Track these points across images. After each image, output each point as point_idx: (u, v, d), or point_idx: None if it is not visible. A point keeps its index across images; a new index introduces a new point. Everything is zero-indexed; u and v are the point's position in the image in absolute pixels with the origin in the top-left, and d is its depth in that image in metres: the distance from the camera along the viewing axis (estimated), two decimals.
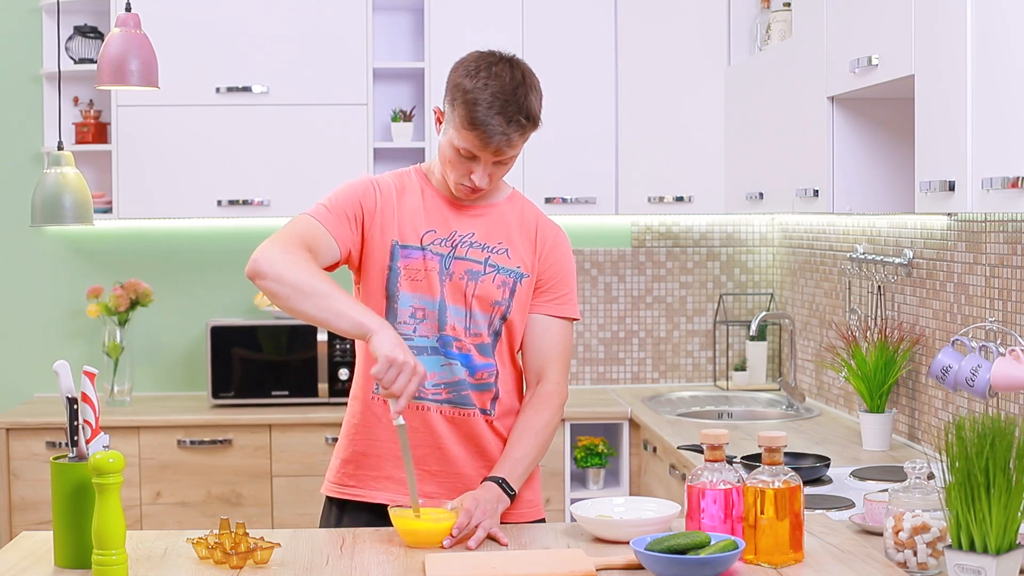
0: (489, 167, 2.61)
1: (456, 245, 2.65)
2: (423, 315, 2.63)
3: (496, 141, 2.54)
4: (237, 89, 4.66)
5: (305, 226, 2.59)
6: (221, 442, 4.47)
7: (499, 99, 2.52)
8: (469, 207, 2.69)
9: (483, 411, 2.67)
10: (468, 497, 2.49)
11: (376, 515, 2.66)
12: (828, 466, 3.29)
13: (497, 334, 2.67)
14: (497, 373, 2.68)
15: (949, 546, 2.11)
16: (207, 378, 4.63)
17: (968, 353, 2.98)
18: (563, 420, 4.52)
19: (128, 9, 3.38)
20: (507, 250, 2.68)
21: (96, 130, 4.83)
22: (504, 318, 2.67)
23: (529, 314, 2.71)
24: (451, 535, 2.39)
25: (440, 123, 2.62)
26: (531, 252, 2.71)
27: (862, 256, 4.02)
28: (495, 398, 2.68)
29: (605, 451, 4.56)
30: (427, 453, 2.66)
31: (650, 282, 5.11)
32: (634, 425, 4.50)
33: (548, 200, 4.72)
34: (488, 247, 2.67)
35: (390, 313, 2.63)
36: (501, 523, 2.55)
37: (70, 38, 4.84)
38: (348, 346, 4.63)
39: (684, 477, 3.29)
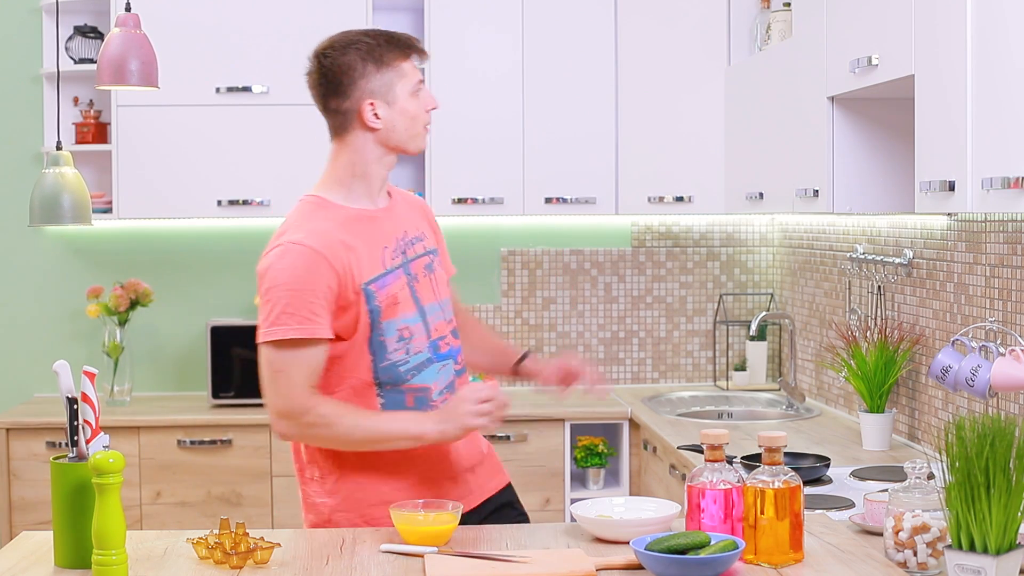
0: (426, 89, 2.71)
1: (404, 249, 2.65)
2: (409, 333, 2.60)
3: (418, 43, 2.71)
4: (237, 89, 4.66)
5: (301, 363, 2.50)
6: (221, 442, 4.47)
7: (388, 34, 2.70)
8: (383, 211, 2.68)
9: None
10: (569, 358, 2.82)
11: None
12: (828, 466, 3.29)
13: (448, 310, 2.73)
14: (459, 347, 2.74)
15: (949, 546, 2.11)
16: (207, 378, 4.63)
17: (968, 353, 2.98)
18: (563, 420, 4.52)
19: (128, 9, 3.38)
20: (423, 233, 2.73)
21: (96, 130, 4.83)
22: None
23: None
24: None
25: (375, 109, 2.64)
26: (429, 227, 2.79)
27: (862, 256, 4.03)
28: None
29: (605, 451, 4.56)
30: (438, 462, 2.67)
31: (650, 282, 5.11)
32: (634, 425, 4.50)
33: (548, 200, 4.72)
34: (417, 237, 2.70)
35: (379, 349, 2.58)
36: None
37: (70, 38, 4.84)
38: None
39: (684, 477, 3.29)
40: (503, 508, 2.80)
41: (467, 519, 2.58)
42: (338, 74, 2.67)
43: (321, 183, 2.76)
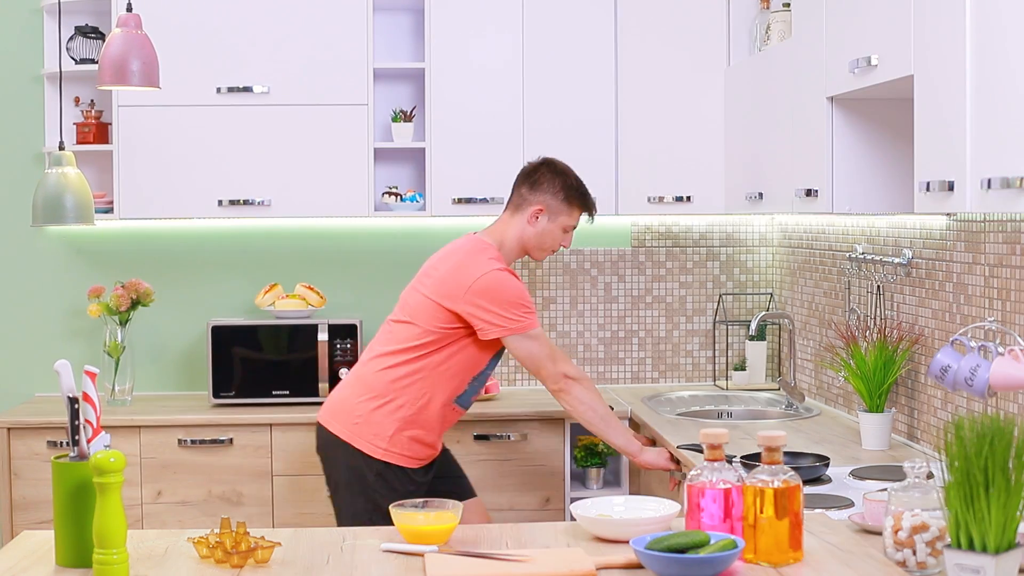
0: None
1: None
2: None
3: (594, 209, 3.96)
4: (238, 89, 4.66)
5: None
6: (222, 441, 4.47)
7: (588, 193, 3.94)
8: None
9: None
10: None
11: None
12: (827, 465, 3.30)
13: None
14: None
15: (948, 545, 2.11)
16: (208, 378, 4.64)
17: (967, 353, 2.98)
18: (563, 420, 4.52)
19: (129, 9, 3.39)
20: None
21: (97, 130, 4.84)
22: None
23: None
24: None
25: (536, 218, 3.82)
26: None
27: (861, 256, 4.03)
28: None
29: (605, 451, 4.57)
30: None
31: (650, 282, 5.12)
32: (634, 425, 4.50)
33: None
34: None
35: (478, 375, 3.79)
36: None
37: (71, 38, 4.84)
38: (348, 346, 4.64)
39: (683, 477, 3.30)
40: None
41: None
42: (541, 180, 3.87)
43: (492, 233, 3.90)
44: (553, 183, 3.85)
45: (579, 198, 3.88)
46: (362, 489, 3.58)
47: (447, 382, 3.67)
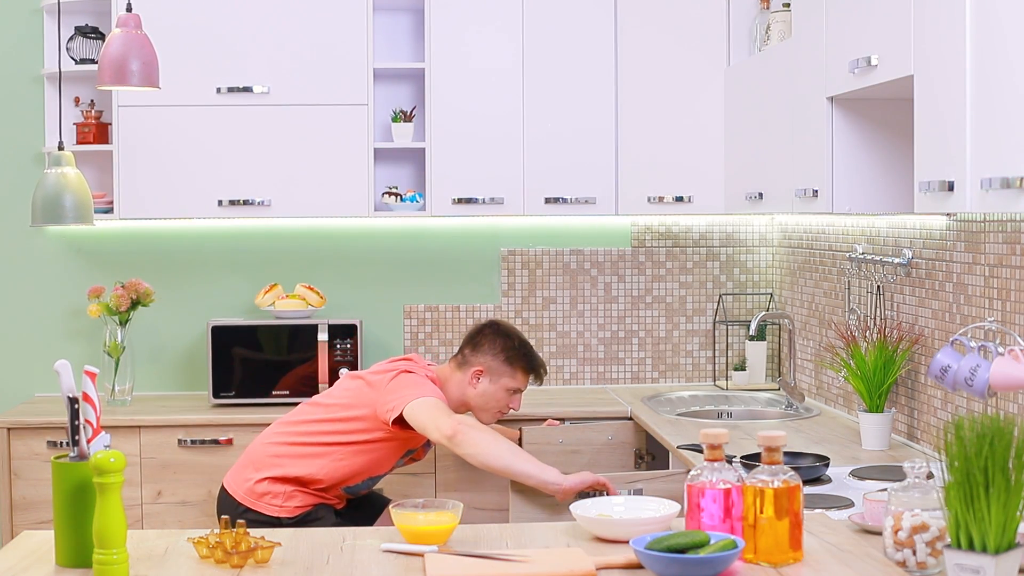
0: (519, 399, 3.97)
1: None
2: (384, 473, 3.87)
3: (543, 374, 3.99)
4: (238, 89, 4.66)
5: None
6: (222, 441, 4.47)
7: (536, 358, 3.97)
8: None
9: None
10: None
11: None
12: (827, 466, 3.30)
13: None
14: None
15: (948, 545, 2.11)
16: (208, 378, 4.64)
17: (967, 353, 2.98)
18: (563, 420, 4.52)
19: (129, 9, 3.39)
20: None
21: (97, 130, 4.84)
22: None
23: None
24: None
25: (477, 379, 3.83)
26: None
27: (861, 256, 4.03)
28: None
29: None
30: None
31: (650, 282, 5.12)
32: (634, 425, 4.50)
33: (548, 200, 4.73)
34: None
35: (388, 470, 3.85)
36: None
37: (71, 38, 4.84)
38: (348, 346, 4.65)
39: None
40: None
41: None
42: (482, 341, 3.88)
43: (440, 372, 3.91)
44: (494, 345, 3.87)
45: (522, 360, 3.87)
46: None
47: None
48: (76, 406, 2.33)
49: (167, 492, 4.46)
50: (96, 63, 4.39)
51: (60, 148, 3.66)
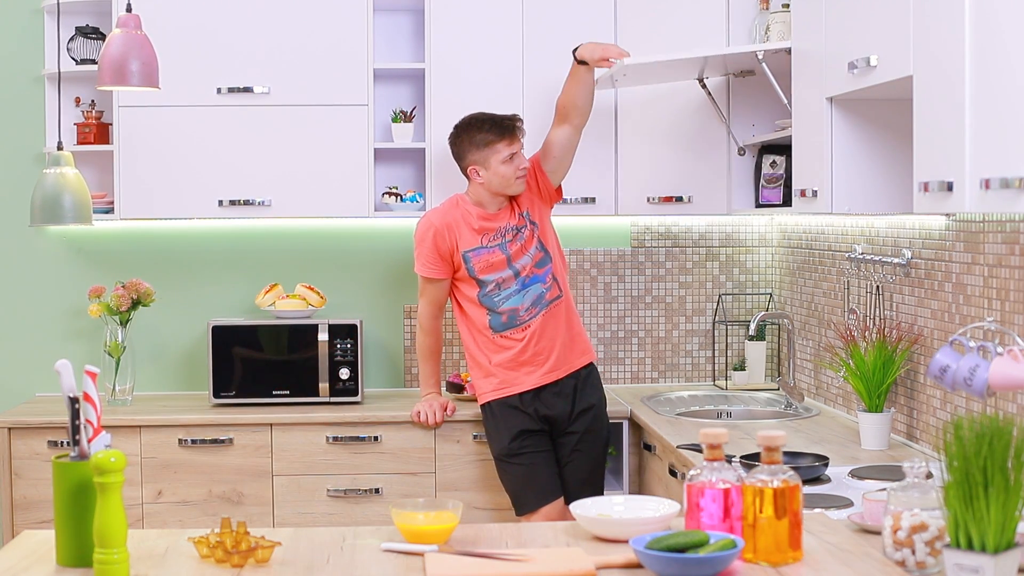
0: (519, 155, 4.18)
1: (503, 233, 4.24)
2: (501, 282, 4.19)
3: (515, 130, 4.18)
4: (238, 90, 4.67)
5: (428, 288, 4.34)
6: (222, 441, 4.48)
7: (494, 118, 4.23)
8: (495, 215, 4.26)
9: (557, 297, 4.24)
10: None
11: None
12: (827, 465, 3.30)
13: (543, 250, 4.25)
14: (550, 269, 4.25)
15: (947, 545, 2.12)
16: (208, 377, 4.64)
17: (966, 353, 2.98)
18: None
19: (129, 10, 3.40)
20: (520, 215, 4.27)
21: (98, 130, 4.84)
22: (541, 243, 4.26)
23: (549, 140, 4.35)
24: None
25: (477, 174, 4.15)
26: (530, 197, 4.28)
27: (861, 256, 4.03)
28: (556, 282, 4.26)
29: (610, 451, 4.56)
30: (539, 352, 4.21)
31: (649, 282, 5.12)
32: (634, 425, 4.50)
33: None
34: (511, 226, 4.26)
35: (482, 287, 4.21)
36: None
37: (71, 39, 4.85)
38: (348, 346, 4.65)
39: (683, 476, 3.30)
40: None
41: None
42: (456, 150, 4.22)
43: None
44: (462, 143, 4.18)
45: (487, 134, 4.12)
46: None
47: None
48: (77, 406, 2.34)
49: (167, 492, 4.46)
50: (96, 63, 4.40)
51: (59, 148, 3.67)
